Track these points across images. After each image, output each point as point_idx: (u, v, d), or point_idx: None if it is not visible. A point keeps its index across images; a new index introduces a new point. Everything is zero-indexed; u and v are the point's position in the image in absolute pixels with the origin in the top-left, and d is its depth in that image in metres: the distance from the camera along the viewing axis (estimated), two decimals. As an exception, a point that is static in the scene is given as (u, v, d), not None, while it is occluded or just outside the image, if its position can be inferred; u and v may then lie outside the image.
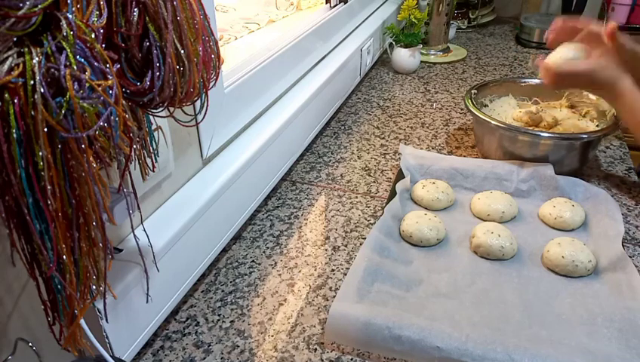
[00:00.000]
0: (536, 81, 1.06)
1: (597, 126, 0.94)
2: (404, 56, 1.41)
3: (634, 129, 0.76)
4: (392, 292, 0.66)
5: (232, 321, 0.66)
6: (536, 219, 0.81)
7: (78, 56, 0.32)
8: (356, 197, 0.90)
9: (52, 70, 0.31)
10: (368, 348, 0.60)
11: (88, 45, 0.32)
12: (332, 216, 0.85)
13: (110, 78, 0.34)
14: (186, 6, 0.39)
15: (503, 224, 0.78)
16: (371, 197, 0.90)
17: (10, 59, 0.29)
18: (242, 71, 0.84)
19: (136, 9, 0.36)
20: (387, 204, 0.82)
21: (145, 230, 0.54)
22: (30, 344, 0.43)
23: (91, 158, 0.35)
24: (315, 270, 0.74)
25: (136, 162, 0.47)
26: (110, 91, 0.34)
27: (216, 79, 0.46)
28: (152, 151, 0.48)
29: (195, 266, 0.69)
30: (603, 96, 0.84)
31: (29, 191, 0.32)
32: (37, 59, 0.30)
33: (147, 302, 0.58)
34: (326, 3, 1.24)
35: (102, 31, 0.34)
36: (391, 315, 0.60)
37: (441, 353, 0.56)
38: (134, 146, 0.42)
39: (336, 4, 1.25)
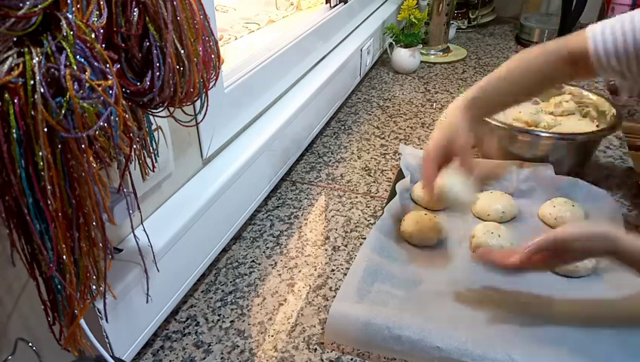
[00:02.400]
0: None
1: (597, 126, 0.94)
2: (404, 56, 1.41)
3: None
4: (392, 293, 0.66)
5: (232, 321, 0.66)
6: (536, 219, 0.81)
7: (78, 56, 0.32)
8: (356, 197, 0.90)
9: (52, 70, 0.31)
10: (368, 348, 0.60)
11: (88, 45, 0.32)
12: (332, 216, 0.85)
13: (110, 78, 0.34)
14: (186, 6, 0.39)
15: (503, 224, 0.78)
16: (371, 197, 0.90)
17: (10, 59, 0.29)
18: (242, 71, 0.84)
19: (136, 9, 0.36)
20: (387, 203, 0.82)
21: (145, 230, 0.54)
22: (30, 344, 0.43)
23: (91, 158, 0.35)
24: (315, 270, 0.74)
25: (136, 162, 0.47)
26: (110, 91, 0.34)
27: (216, 79, 0.46)
28: (152, 151, 0.48)
29: (195, 266, 0.69)
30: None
31: (29, 191, 0.32)
32: (37, 59, 0.30)
33: (147, 302, 0.58)
34: (326, 3, 1.24)
35: (102, 31, 0.34)
36: (391, 315, 0.60)
37: (441, 353, 0.56)
38: (134, 146, 0.42)
39: (336, 4, 1.25)
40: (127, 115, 0.38)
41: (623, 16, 0.68)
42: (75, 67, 0.31)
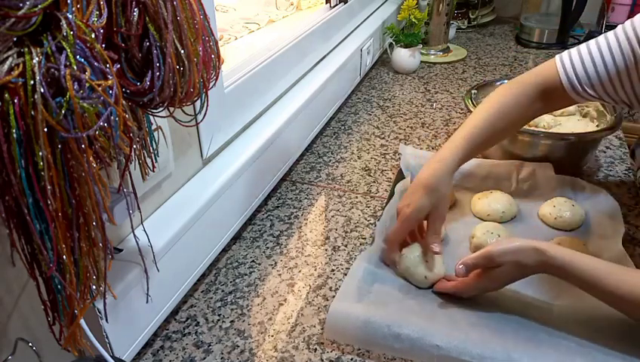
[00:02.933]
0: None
1: (597, 126, 0.94)
2: (404, 56, 1.41)
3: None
4: (391, 293, 0.66)
5: (232, 321, 0.66)
6: (536, 219, 0.81)
7: (78, 56, 0.32)
8: (356, 197, 0.90)
9: (52, 70, 0.31)
10: (368, 346, 0.60)
11: (88, 45, 0.32)
12: (332, 216, 0.85)
13: (110, 78, 0.34)
14: (186, 6, 0.39)
15: (502, 224, 0.78)
16: (371, 197, 0.90)
17: (10, 59, 0.29)
18: (242, 71, 0.84)
19: (136, 9, 0.36)
20: (387, 204, 0.82)
21: (145, 230, 0.54)
22: (30, 344, 0.43)
23: (91, 158, 0.35)
24: (315, 270, 0.74)
25: (136, 162, 0.47)
26: (110, 91, 0.34)
27: (216, 79, 0.46)
28: (152, 151, 0.48)
29: (195, 266, 0.69)
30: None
31: (29, 191, 0.32)
32: (37, 59, 0.30)
33: (147, 302, 0.58)
34: (326, 3, 1.24)
35: (102, 31, 0.34)
36: (391, 313, 0.60)
37: (441, 351, 0.56)
38: (134, 146, 0.42)
39: (336, 4, 1.25)
40: (127, 115, 0.38)
41: (590, 43, 0.69)
42: (75, 67, 0.31)
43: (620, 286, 0.55)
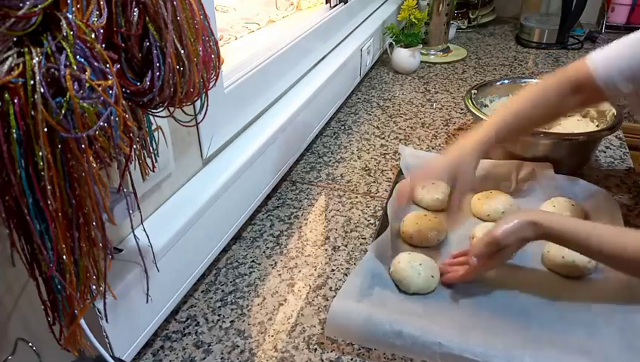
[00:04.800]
0: (537, 81, 1.06)
1: (597, 126, 0.94)
2: (404, 56, 1.41)
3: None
4: (392, 297, 0.66)
5: (232, 321, 0.66)
6: (537, 219, 0.81)
7: (78, 56, 0.32)
8: (356, 197, 0.90)
9: (52, 70, 0.31)
10: (369, 344, 0.60)
11: (88, 45, 0.32)
12: (332, 216, 0.85)
13: (110, 78, 0.34)
14: (186, 6, 0.39)
15: (503, 224, 0.78)
16: (371, 197, 0.90)
17: (10, 59, 0.29)
18: (242, 71, 0.84)
19: (136, 9, 0.36)
20: (387, 204, 0.82)
21: (145, 230, 0.54)
22: (30, 344, 0.43)
23: (91, 158, 0.35)
24: (315, 270, 0.74)
25: (136, 162, 0.47)
26: (110, 91, 0.34)
27: (216, 79, 0.46)
28: (152, 151, 0.48)
29: (195, 266, 0.69)
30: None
31: (29, 191, 0.32)
32: (37, 59, 0.30)
33: (147, 302, 0.58)
34: (326, 3, 1.24)
35: (102, 31, 0.34)
36: (392, 311, 0.60)
37: (442, 348, 0.56)
38: (134, 146, 0.42)
39: (336, 4, 1.25)
40: (127, 115, 0.38)
41: (622, 40, 0.69)
42: (75, 67, 0.31)
43: (607, 246, 0.59)
